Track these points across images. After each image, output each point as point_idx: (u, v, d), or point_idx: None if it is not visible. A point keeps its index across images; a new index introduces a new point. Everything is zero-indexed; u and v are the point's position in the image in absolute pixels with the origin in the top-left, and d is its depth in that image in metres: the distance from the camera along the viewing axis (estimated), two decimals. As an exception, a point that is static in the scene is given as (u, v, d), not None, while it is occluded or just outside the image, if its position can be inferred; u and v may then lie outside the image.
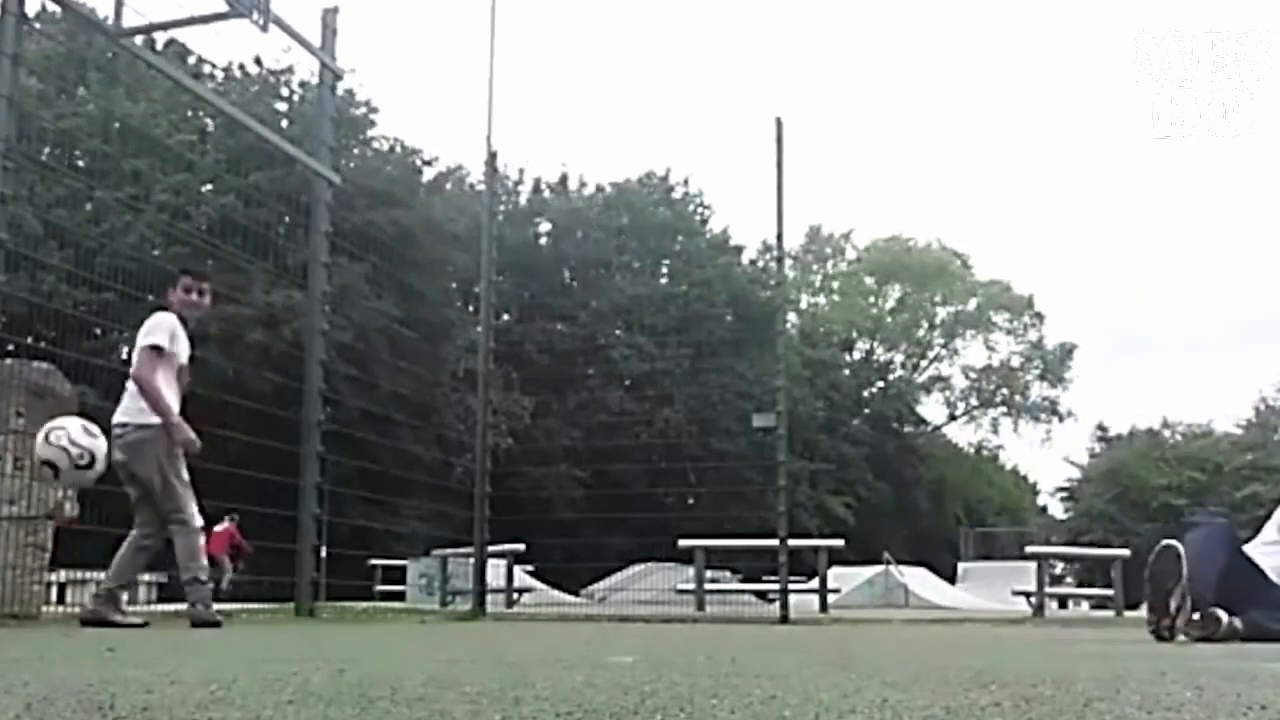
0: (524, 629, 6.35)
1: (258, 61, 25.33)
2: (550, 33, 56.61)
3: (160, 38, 15.84)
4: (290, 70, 26.38)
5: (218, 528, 15.39)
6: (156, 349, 5.29)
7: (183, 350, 5.50)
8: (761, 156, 8.57)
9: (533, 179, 36.08)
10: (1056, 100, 69.29)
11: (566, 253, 35.00)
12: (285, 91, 27.01)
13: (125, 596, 5.74)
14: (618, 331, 32.64)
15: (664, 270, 36.69)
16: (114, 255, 13.87)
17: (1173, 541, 4.40)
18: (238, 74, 26.39)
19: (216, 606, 5.52)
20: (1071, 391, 48.71)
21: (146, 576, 11.04)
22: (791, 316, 40.64)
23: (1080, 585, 27.20)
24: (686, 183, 37.99)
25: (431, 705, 1.63)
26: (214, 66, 24.86)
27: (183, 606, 5.43)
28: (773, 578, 9.27)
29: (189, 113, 23.25)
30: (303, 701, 1.67)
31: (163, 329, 5.39)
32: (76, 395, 6.00)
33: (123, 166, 18.58)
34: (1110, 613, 11.68)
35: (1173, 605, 4.25)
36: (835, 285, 49.62)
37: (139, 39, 7.27)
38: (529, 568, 13.85)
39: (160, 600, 11.87)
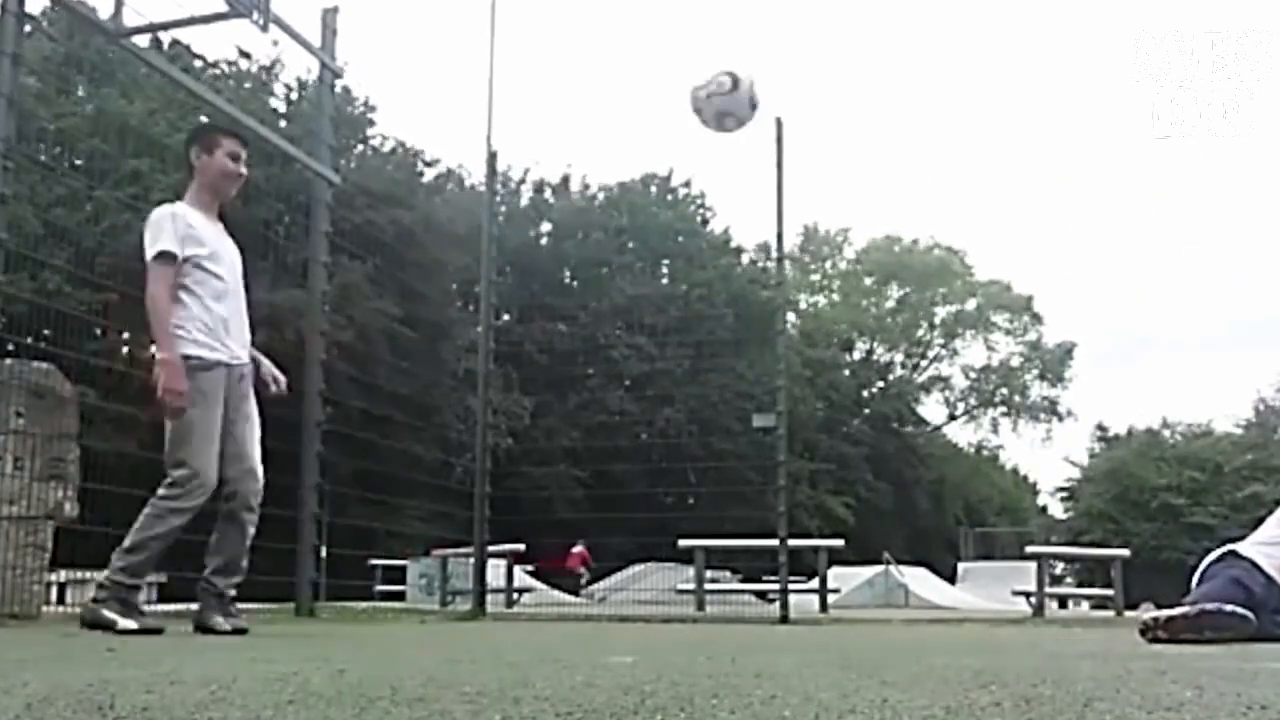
0: (524, 629, 6.35)
1: (241, 51, 25.21)
2: (551, 33, 56.74)
3: (164, 38, 15.85)
4: (279, 62, 26.35)
5: (575, 549, 19.42)
6: (165, 256, 4.00)
7: (223, 254, 4.20)
8: (761, 157, 8.55)
9: (534, 180, 36.14)
10: (1056, 100, 69.49)
11: (567, 253, 35.02)
12: (279, 88, 27.01)
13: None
14: (618, 332, 32.67)
15: (664, 271, 36.71)
16: (114, 255, 13.87)
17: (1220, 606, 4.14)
18: (224, 67, 26.30)
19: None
20: (1071, 391, 48.91)
21: (149, 576, 10.97)
22: (791, 316, 40.70)
23: (1080, 585, 27.22)
24: (688, 184, 38.05)
25: (431, 705, 1.63)
26: (210, 65, 24.84)
27: (183, 606, 5.39)
28: (773, 578, 9.26)
29: (185, 110, 23.23)
30: (303, 701, 1.67)
31: (163, 230, 4.02)
32: (77, 395, 5.97)
33: (122, 165, 18.56)
34: (1110, 613, 11.68)
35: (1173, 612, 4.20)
36: (835, 285, 49.72)
37: (138, 38, 7.26)
38: (529, 568, 13.85)
39: (160, 600, 11.85)
